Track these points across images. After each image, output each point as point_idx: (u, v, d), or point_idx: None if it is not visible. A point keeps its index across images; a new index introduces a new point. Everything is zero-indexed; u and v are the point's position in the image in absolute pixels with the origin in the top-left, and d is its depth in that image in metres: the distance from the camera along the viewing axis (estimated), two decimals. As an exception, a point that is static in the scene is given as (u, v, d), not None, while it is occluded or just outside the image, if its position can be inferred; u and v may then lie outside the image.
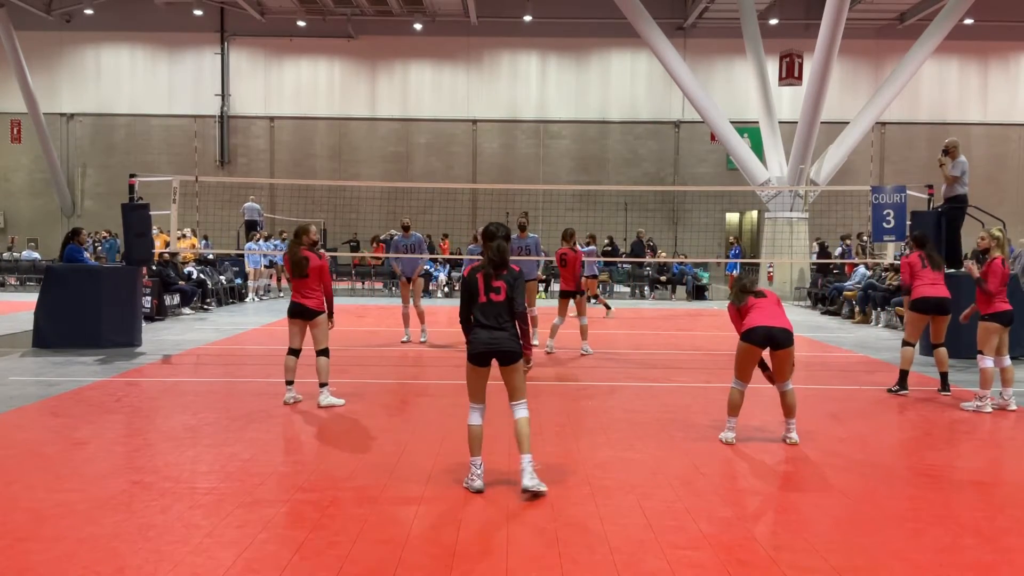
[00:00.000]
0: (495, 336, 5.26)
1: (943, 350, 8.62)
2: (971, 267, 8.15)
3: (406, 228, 12.53)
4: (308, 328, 7.78)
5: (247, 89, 31.18)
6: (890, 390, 8.69)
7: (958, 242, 11.81)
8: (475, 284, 5.31)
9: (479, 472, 5.23)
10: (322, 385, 7.69)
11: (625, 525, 4.66)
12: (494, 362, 5.36)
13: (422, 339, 12.16)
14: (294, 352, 7.83)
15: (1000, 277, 7.91)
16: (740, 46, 23.42)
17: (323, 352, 7.74)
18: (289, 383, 7.81)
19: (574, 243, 11.58)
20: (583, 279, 12.00)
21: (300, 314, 7.71)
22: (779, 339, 6.33)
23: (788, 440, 6.51)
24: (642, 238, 25.31)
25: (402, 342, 12.17)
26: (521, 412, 5.32)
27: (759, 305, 6.48)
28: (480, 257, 5.44)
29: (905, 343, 8.68)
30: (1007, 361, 7.99)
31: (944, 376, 8.65)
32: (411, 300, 12.38)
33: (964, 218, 11.73)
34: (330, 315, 7.86)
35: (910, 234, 9.81)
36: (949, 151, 11.39)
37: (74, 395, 8.04)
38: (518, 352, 5.29)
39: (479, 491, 5.15)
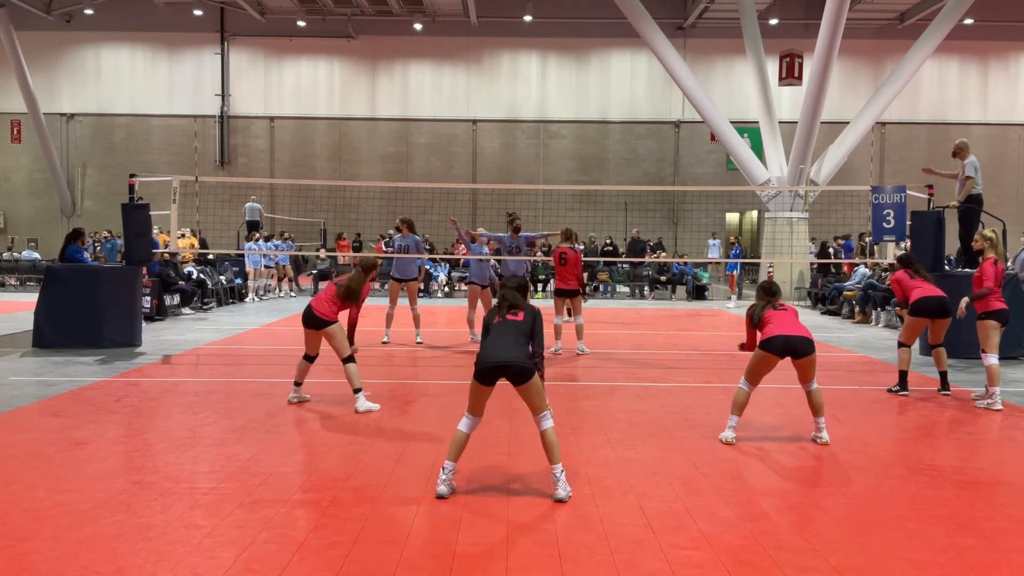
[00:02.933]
0: (504, 354, 5.11)
1: (942, 350, 8.65)
2: (962, 309, 8.27)
3: (409, 226, 12.43)
4: (325, 340, 7.65)
5: (247, 89, 31.20)
6: (891, 390, 8.71)
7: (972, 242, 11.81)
8: (491, 318, 5.40)
9: (446, 477, 5.10)
10: (356, 391, 7.53)
11: (625, 525, 4.65)
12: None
13: (417, 340, 12.11)
14: (308, 358, 7.76)
15: (993, 277, 8.09)
16: (740, 46, 23.43)
17: (348, 359, 7.59)
18: (297, 384, 7.80)
19: (574, 243, 11.60)
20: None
21: (310, 322, 7.59)
22: (799, 348, 6.34)
23: (819, 440, 6.50)
24: (637, 238, 25.32)
25: (382, 343, 12.08)
26: (547, 423, 5.18)
27: (777, 315, 6.48)
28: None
29: (901, 344, 8.70)
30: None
31: (944, 375, 8.67)
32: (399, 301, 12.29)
33: (979, 217, 11.72)
34: (351, 338, 7.78)
35: (896, 255, 9.89)
36: (957, 152, 11.34)
37: (74, 395, 8.04)
38: (531, 368, 5.13)
39: (442, 496, 5.03)
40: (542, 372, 5.36)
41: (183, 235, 17.65)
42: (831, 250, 22.21)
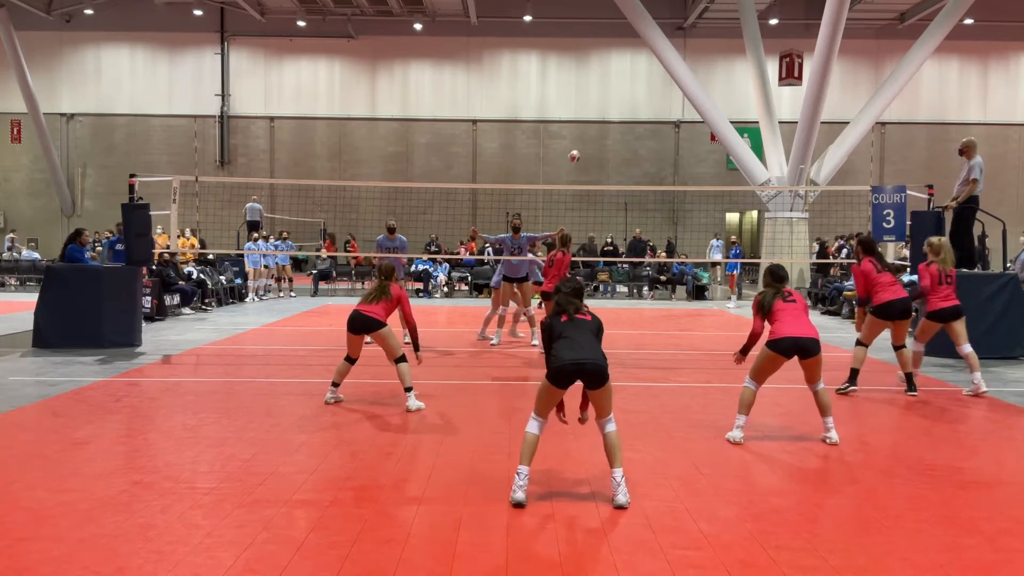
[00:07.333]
0: (580, 351, 4.98)
1: (905, 351, 8.52)
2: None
3: (391, 230, 12.52)
4: (376, 341, 7.66)
5: (247, 89, 31.20)
6: (839, 390, 8.44)
7: (971, 242, 11.79)
8: (557, 318, 5.21)
9: (522, 483, 4.92)
10: (407, 390, 7.58)
11: (625, 525, 4.66)
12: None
13: (405, 341, 12.09)
14: (350, 360, 7.78)
15: (930, 277, 8.49)
16: (740, 46, 23.43)
17: (400, 359, 7.63)
18: (334, 384, 7.80)
19: (567, 247, 11.49)
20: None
21: (362, 327, 7.59)
22: (807, 348, 6.33)
23: (828, 440, 6.45)
24: (639, 238, 25.31)
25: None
26: (611, 427, 5.10)
27: (787, 311, 6.44)
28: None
29: (859, 343, 8.57)
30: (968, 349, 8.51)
31: (909, 376, 8.51)
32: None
33: (975, 218, 11.70)
34: (416, 345, 7.90)
35: (856, 237, 9.86)
36: (965, 150, 11.25)
37: (74, 395, 8.04)
38: (605, 372, 5.02)
39: (519, 504, 4.85)
40: None
41: (181, 233, 17.61)
42: (837, 246, 22.19)
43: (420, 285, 21.50)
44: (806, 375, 6.51)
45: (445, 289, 21.99)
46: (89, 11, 29.93)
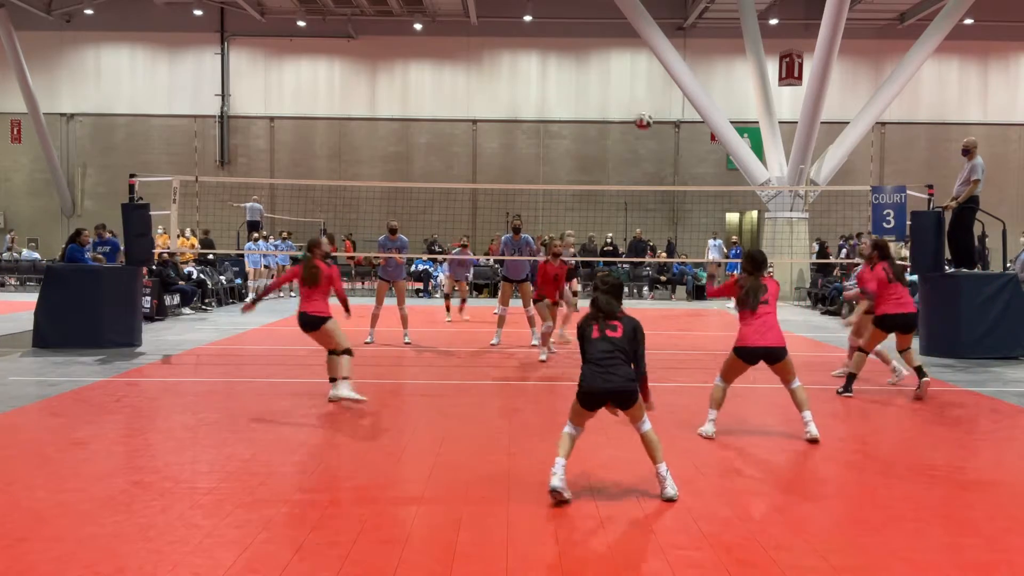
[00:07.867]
0: (608, 377, 4.99)
1: (910, 351, 8.49)
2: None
3: (392, 231, 12.45)
4: (323, 337, 7.73)
5: (247, 89, 31.17)
6: (839, 392, 8.44)
7: (971, 242, 11.79)
8: (589, 329, 5.13)
9: (557, 471, 4.94)
10: (342, 379, 7.62)
11: (625, 525, 4.66)
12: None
13: (405, 341, 12.10)
14: (332, 352, 7.84)
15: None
16: (740, 46, 23.42)
17: (345, 352, 7.68)
18: (332, 379, 7.83)
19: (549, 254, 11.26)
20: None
21: (310, 326, 7.69)
22: (774, 355, 6.48)
23: (808, 435, 6.43)
24: (639, 238, 25.30)
25: (365, 343, 11.90)
26: (646, 426, 5.13)
27: (757, 315, 6.48)
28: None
29: (860, 350, 8.53)
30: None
31: (919, 369, 8.43)
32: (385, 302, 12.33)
33: (975, 218, 11.70)
34: (347, 310, 8.32)
35: (872, 238, 9.69)
36: (970, 150, 11.24)
37: (74, 395, 8.05)
38: (634, 392, 5.04)
39: (555, 489, 4.87)
40: (646, 393, 5.23)
41: (181, 233, 17.62)
42: (838, 247, 22.17)
43: (420, 285, 21.49)
44: (780, 377, 6.63)
45: (445, 289, 21.96)
46: (89, 11, 29.89)
